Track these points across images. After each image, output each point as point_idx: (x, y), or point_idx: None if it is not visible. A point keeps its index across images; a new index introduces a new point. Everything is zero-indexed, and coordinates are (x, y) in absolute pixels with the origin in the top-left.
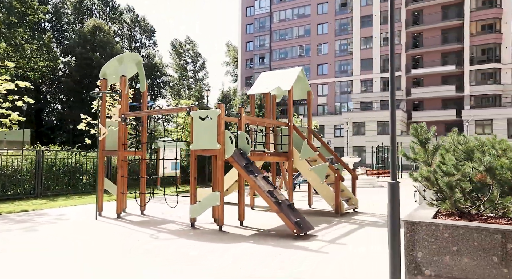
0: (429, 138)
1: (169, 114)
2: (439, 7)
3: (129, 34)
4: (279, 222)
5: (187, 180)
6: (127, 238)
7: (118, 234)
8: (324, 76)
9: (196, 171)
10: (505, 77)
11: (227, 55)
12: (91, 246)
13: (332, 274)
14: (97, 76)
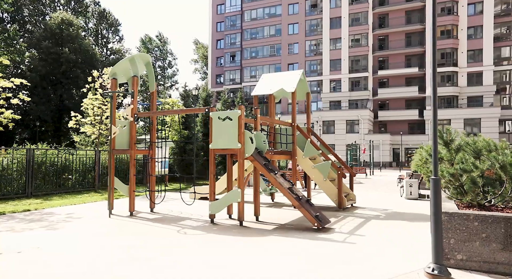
0: (453, 139)
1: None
2: (403, 11)
3: (95, 28)
4: (291, 217)
5: (173, 178)
6: (160, 233)
7: (147, 230)
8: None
9: (214, 168)
10: (461, 80)
11: (195, 53)
12: (138, 241)
13: (371, 258)
14: (65, 72)
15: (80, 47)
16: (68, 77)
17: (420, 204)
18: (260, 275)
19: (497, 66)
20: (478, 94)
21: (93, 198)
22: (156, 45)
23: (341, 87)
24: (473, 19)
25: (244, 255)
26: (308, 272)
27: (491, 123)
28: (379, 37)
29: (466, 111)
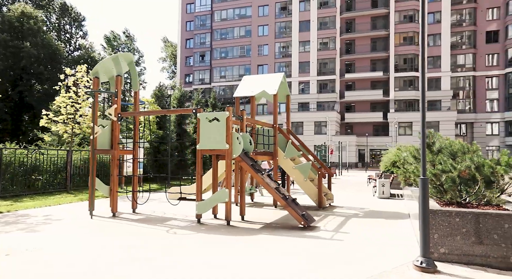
0: (435, 142)
1: None
2: (369, 17)
3: (57, 23)
4: (275, 216)
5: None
6: (148, 234)
7: (134, 231)
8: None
9: (201, 168)
10: None
11: (164, 51)
12: (129, 242)
13: (361, 255)
14: (25, 67)
15: (42, 42)
16: (29, 72)
17: (393, 203)
18: (248, 274)
19: (454, 73)
20: (436, 98)
21: (67, 199)
22: (122, 42)
23: (309, 89)
24: (433, 27)
25: (236, 254)
26: (307, 266)
27: (448, 126)
28: (346, 41)
29: (426, 114)
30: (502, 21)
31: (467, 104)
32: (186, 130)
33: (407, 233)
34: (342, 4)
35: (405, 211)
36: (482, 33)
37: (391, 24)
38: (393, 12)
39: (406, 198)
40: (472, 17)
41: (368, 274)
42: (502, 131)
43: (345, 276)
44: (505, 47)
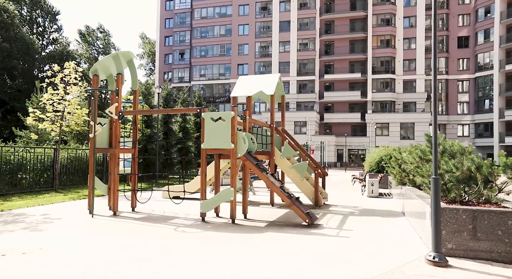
0: (440, 143)
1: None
2: (348, 20)
3: (29, 16)
4: (276, 214)
5: None
6: (155, 232)
7: (142, 230)
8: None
9: (205, 167)
10: (398, 87)
11: (141, 48)
12: (134, 241)
13: (371, 251)
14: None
15: (15, 36)
16: (1, 67)
17: (383, 202)
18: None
19: (428, 76)
20: (412, 100)
21: (57, 198)
22: (97, 38)
23: (289, 89)
24: (408, 31)
25: (244, 254)
26: (321, 262)
27: (423, 127)
28: (326, 43)
29: (402, 116)
30: (472, 28)
31: (440, 106)
32: (172, 129)
33: (406, 230)
34: (321, 5)
35: (397, 209)
36: (454, 38)
37: (369, 27)
38: (371, 15)
39: (396, 197)
40: (445, 23)
41: (385, 268)
42: (472, 132)
43: (365, 271)
44: (475, 52)
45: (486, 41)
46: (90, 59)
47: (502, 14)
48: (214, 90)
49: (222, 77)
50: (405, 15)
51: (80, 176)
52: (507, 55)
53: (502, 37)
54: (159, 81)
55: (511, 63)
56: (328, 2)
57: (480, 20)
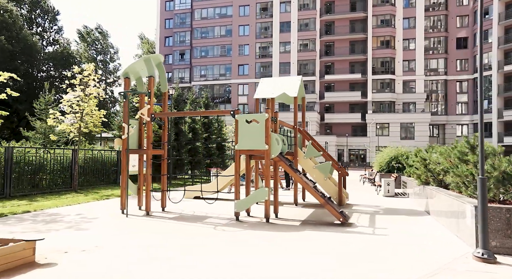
0: (477, 145)
1: None
2: (348, 21)
3: (28, 15)
4: (304, 214)
5: None
6: (199, 232)
7: (183, 230)
8: (245, 76)
9: (239, 168)
10: (398, 87)
11: (140, 48)
12: (184, 240)
13: (414, 248)
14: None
15: (18, 36)
16: (4, 68)
17: (401, 201)
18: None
19: (427, 76)
20: (411, 100)
21: (80, 198)
22: (96, 38)
23: None
24: (407, 32)
25: (280, 252)
26: (374, 258)
27: (422, 127)
28: (326, 43)
29: (402, 116)
30: (471, 29)
31: (439, 107)
32: (183, 130)
33: (437, 228)
34: (321, 6)
35: (418, 208)
36: (453, 39)
37: (369, 28)
38: (370, 16)
39: (413, 197)
40: (444, 24)
41: (434, 265)
42: (471, 132)
43: (415, 267)
44: (473, 53)
45: (485, 42)
46: (89, 59)
47: (500, 15)
48: (214, 90)
49: (222, 77)
50: (405, 16)
51: (96, 177)
52: (506, 56)
53: (500, 38)
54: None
55: (510, 63)
56: (328, 3)
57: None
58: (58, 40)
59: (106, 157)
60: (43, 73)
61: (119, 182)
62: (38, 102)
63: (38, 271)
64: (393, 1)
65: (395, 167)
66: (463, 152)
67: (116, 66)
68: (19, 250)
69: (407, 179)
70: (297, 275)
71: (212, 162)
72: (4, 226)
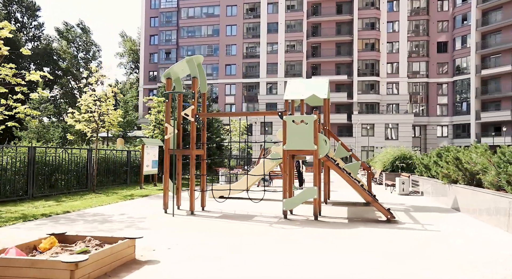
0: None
1: None
2: (334, 23)
3: (5, 10)
4: (343, 212)
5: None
6: (253, 230)
7: (234, 228)
8: (232, 76)
9: (288, 168)
10: (382, 89)
11: (121, 46)
12: (239, 239)
13: (474, 243)
14: None
15: None
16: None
17: (419, 199)
18: None
19: (410, 78)
20: (395, 102)
21: (105, 199)
22: (77, 35)
23: (277, 90)
24: (391, 35)
25: (336, 250)
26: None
27: (406, 128)
28: (313, 45)
29: (386, 117)
30: (450, 34)
31: (421, 108)
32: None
33: (479, 224)
34: (308, 8)
35: (443, 206)
36: (434, 43)
37: (355, 30)
38: (356, 18)
39: (433, 195)
40: (425, 28)
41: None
42: (450, 133)
43: (493, 261)
44: (453, 57)
45: (464, 46)
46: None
47: (477, 22)
48: None
49: (209, 77)
50: (389, 19)
51: (109, 177)
52: (482, 60)
53: (478, 43)
54: (144, 80)
55: (486, 68)
56: (314, 5)
57: (457, 26)
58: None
59: (117, 157)
60: (25, 70)
61: (129, 182)
62: (31, 101)
63: (148, 267)
64: (378, 5)
65: (399, 166)
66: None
67: (99, 64)
68: (125, 247)
69: (419, 178)
70: (347, 273)
71: (213, 162)
72: (64, 226)
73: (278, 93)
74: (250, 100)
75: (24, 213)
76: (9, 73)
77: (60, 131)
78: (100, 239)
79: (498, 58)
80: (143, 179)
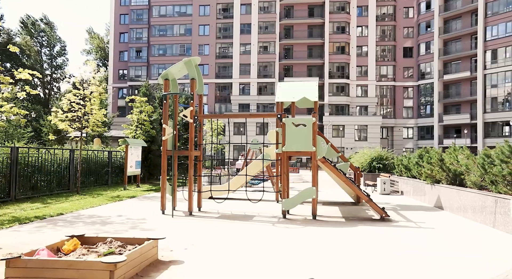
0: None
1: None
2: (306, 25)
3: None
4: (336, 212)
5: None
6: (262, 229)
7: (240, 226)
8: (205, 76)
9: (287, 168)
10: (352, 91)
11: (88, 43)
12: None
13: (474, 239)
14: None
15: None
16: None
17: (401, 198)
18: None
19: (378, 82)
20: (364, 104)
21: (93, 201)
22: (41, 30)
23: (250, 91)
24: (361, 39)
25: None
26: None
27: (374, 129)
28: (285, 47)
29: (356, 118)
30: (415, 39)
31: (388, 110)
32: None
33: (466, 221)
34: (281, 10)
35: (425, 204)
36: (400, 48)
37: (326, 34)
38: (327, 22)
39: (414, 194)
40: (393, 34)
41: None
42: (415, 135)
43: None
44: (418, 62)
45: (427, 52)
46: (33, 52)
47: (440, 29)
48: None
49: (182, 77)
50: (358, 24)
51: (90, 178)
52: (445, 66)
53: (440, 50)
54: (113, 79)
55: (448, 73)
56: (287, 7)
57: (422, 33)
58: (0, 30)
59: (98, 158)
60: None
61: (111, 183)
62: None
63: (175, 267)
64: (348, 9)
65: (376, 167)
66: (505, 154)
67: (64, 61)
68: (151, 248)
69: (398, 178)
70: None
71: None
72: (64, 228)
73: (251, 93)
74: (223, 101)
75: (14, 216)
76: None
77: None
78: (121, 240)
79: (458, 64)
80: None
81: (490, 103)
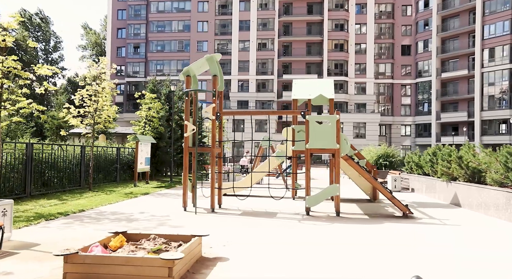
0: None
1: None
2: (305, 23)
3: None
4: (355, 209)
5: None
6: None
7: (265, 222)
8: (204, 73)
9: (309, 165)
10: (350, 88)
11: (84, 38)
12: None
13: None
14: None
15: None
16: None
17: (413, 195)
18: None
19: (376, 79)
20: (362, 101)
21: (108, 198)
22: (37, 24)
23: (248, 88)
24: (359, 37)
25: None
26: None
27: (373, 127)
28: (284, 44)
29: (354, 116)
30: (414, 37)
31: (386, 108)
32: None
33: (488, 219)
34: (280, 7)
35: (441, 201)
36: (398, 46)
37: (325, 31)
38: (326, 19)
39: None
40: (391, 31)
41: None
42: (413, 132)
43: None
44: (415, 60)
45: (425, 50)
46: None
47: (438, 27)
48: (171, 85)
49: (180, 73)
50: (357, 22)
51: (99, 175)
52: (442, 64)
53: (438, 48)
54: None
55: (446, 71)
56: (286, 4)
57: (420, 31)
58: None
59: (108, 155)
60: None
61: (119, 180)
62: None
63: (222, 264)
64: (347, 7)
65: (382, 164)
66: None
67: (61, 56)
68: (197, 245)
69: (409, 175)
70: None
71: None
72: (92, 224)
73: (250, 90)
74: None
75: (37, 212)
76: (18, 66)
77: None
78: (165, 237)
79: (456, 62)
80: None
81: (487, 101)
